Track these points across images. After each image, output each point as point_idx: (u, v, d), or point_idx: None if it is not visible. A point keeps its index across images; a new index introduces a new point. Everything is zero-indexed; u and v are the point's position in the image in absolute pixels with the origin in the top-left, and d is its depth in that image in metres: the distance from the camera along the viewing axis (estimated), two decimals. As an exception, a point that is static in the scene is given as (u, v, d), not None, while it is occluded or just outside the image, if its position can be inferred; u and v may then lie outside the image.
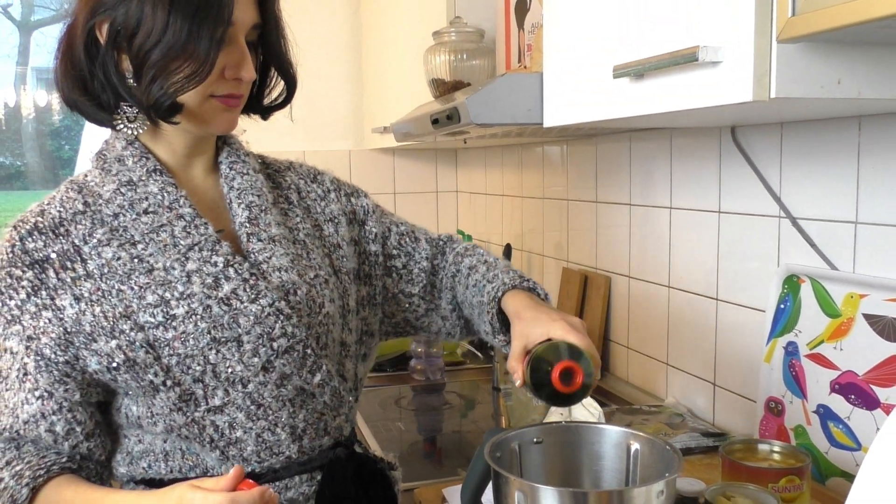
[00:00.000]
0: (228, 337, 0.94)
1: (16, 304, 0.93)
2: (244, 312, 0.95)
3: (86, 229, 0.96)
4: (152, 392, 0.94)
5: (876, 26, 0.72)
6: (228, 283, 0.96)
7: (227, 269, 0.96)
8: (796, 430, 1.29)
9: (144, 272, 0.94)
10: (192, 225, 0.97)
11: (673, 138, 1.65)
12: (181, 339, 0.92)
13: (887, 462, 0.74)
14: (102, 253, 0.95)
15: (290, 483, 1.00)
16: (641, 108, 1.03)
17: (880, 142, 1.16)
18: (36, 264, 0.93)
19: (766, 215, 1.39)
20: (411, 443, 1.71)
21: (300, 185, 1.14)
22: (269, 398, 0.96)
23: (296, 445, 0.99)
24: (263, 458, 0.97)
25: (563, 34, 1.27)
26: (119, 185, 0.97)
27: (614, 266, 1.91)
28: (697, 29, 0.91)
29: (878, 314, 1.16)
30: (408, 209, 3.02)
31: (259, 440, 0.97)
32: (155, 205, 0.97)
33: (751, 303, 1.44)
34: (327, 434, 1.02)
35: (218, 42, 0.91)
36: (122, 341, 0.92)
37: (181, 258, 0.95)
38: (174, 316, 0.93)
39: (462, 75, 1.74)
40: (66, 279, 0.93)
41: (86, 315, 0.92)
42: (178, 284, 0.94)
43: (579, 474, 1.01)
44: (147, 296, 0.93)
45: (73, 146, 3.42)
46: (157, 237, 0.96)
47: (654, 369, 1.76)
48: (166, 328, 0.92)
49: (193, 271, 0.95)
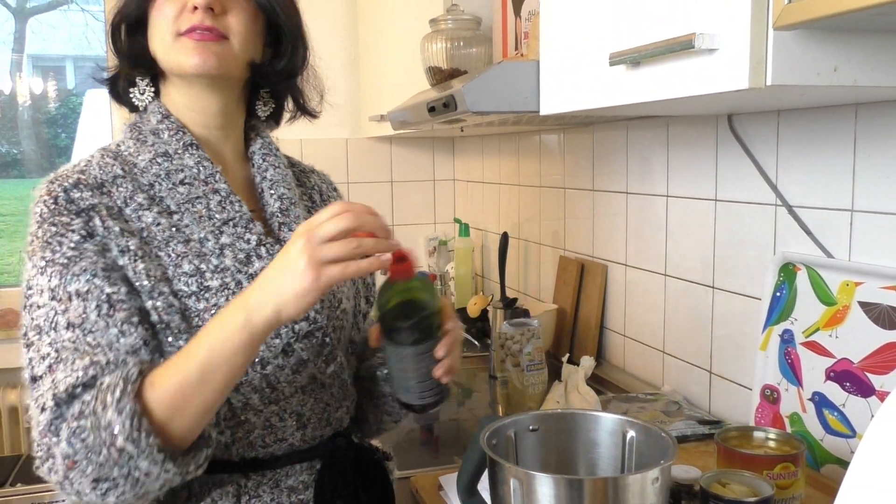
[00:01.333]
0: None
1: (69, 247, 0.88)
2: None
3: (127, 192, 0.95)
4: None
5: (873, 13, 0.71)
6: (259, 261, 0.97)
7: (259, 247, 0.98)
8: (791, 418, 1.29)
9: (182, 241, 0.95)
10: (228, 201, 0.98)
11: (669, 126, 1.65)
12: (212, 311, 0.92)
13: (881, 449, 0.75)
14: (143, 217, 0.94)
15: (291, 471, 1.00)
16: (638, 95, 1.03)
17: (876, 130, 1.16)
18: (83, 212, 0.90)
19: (763, 203, 1.39)
20: (408, 431, 1.71)
21: (322, 188, 1.18)
22: (283, 383, 0.97)
23: (299, 433, 1.00)
24: (267, 444, 0.98)
25: (559, 22, 1.26)
26: (155, 155, 0.98)
27: (611, 254, 1.91)
28: (694, 16, 0.90)
29: (873, 302, 1.16)
30: (405, 198, 3.02)
31: (267, 424, 0.97)
32: (191, 177, 0.97)
33: (747, 291, 1.44)
34: (329, 425, 1.03)
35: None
36: (161, 303, 0.90)
37: (216, 231, 0.96)
38: (208, 287, 0.93)
39: (459, 63, 1.74)
40: (113, 229, 0.91)
41: (128, 271, 0.90)
42: (212, 257, 0.95)
43: (575, 462, 1.01)
44: (183, 264, 0.93)
45: (70, 134, 3.40)
46: (192, 208, 0.96)
47: (651, 357, 1.76)
48: (198, 299, 0.93)
49: (227, 245, 0.96)
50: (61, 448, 0.80)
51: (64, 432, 0.80)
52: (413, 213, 3.04)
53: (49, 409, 0.81)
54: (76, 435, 0.79)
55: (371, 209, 0.84)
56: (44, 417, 0.81)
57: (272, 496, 0.98)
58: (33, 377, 0.84)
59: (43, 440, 0.81)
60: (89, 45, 3.40)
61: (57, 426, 0.81)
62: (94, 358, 0.84)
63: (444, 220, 3.06)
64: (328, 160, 3.01)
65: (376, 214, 0.84)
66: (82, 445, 0.79)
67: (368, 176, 2.96)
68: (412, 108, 1.73)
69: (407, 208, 3.03)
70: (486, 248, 2.78)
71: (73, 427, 0.80)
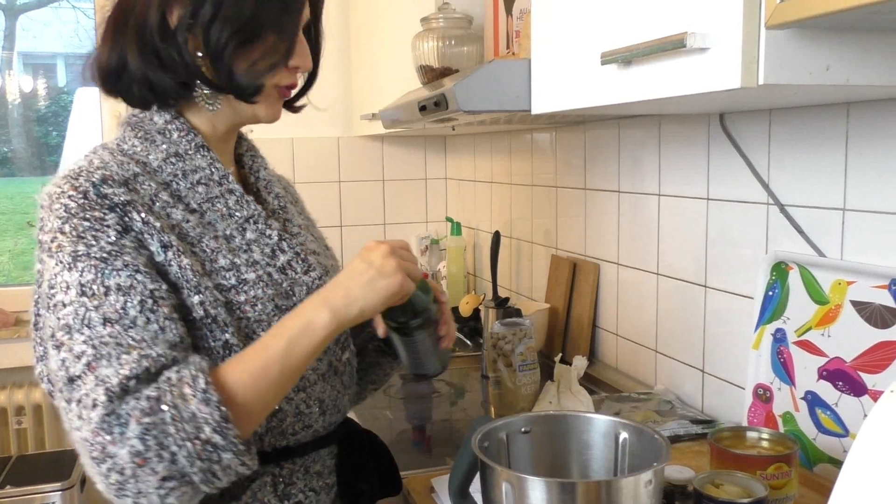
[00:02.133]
0: (287, 305, 0.97)
1: (108, 241, 0.85)
2: (298, 283, 1.00)
3: (151, 190, 0.92)
4: (224, 353, 0.90)
5: (866, 12, 0.71)
6: (283, 255, 1.00)
7: (281, 242, 1.01)
8: (784, 417, 1.29)
9: (212, 237, 0.95)
10: (243, 200, 1.00)
11: (661, 125, 1.64)
12: (251, 303, 0.94)
13: (875, 448, 0.74)
14: (172, 214, 0.93)
15: (317, 456, 1.03)
16: (629, 94, 1.03)
17: (868, 128, 1.16)
18: (117, 207, 0.87)
19: (755, 202, 1.38)
20: (400, 431, 1.71)
21: (291, 189, 1.21)
22: (309, 370, 0.99)
23: (321, 420, 1.02)
24: (297, 431, 0.99)
25: (551, 20, 1.26)
26: (168, 155, 0.96)
27: (603, 253, 1.91)
28: (685, 15, 0.90)
29: (865, 301, 1.16)
30: (397, 197, 3.01)
31: (297, 412, 0.98)
32: (206, 177, 0.97)
33: (739, 290, 1.44)
34: (339, 411, 1.06)
35: (296, 29, 0.98)
36: (207, 297, 0.89)
37: (240, 228, 0.98)
38: (245, 280, 0.94)
39: (450, 62, 1.73)
40: (152, 223, 0.88)
41: (171, 266, 0.88)
42: (242, 252, 0.97)
43: (567, 464, 1.01)
44: (219, 259, 0.94)
45: (61, 132, 3.38)
46: (213, 207, 0.97)
47: (643, 356, 1.76)
48: (238, 291, 0.93)
49: (252, 241, 0.98)
50: (130, 445, 0.75)
51: (132, 429, 0.76)
52: (405, 212, 3.03)
53: (101, 405, 0.76)
54: (150, 430, 0.76)
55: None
56: (95, 415, 0.76)
57: (305, 482, 1.01)
58: (70, 378, 0.79)
59: (97, 439, 0.76)
60: (80, 43, 3.38)
61: (111, 423, 0.76)
62: (142, 352, 0.80)
63: (435, 218, 3.05)
64: (320, 159, 3.01)
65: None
66: (156, 442, 0.76)
67: (360, 174, 2.95)
68: (404, 107, 1.72)
69: (398, 207, 3.02)
70: (478, 247, 2.78)
71: (145, 423, 0.76)
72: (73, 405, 0.79)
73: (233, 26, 0.93)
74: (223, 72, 0.95)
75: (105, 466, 0.76)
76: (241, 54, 0.95)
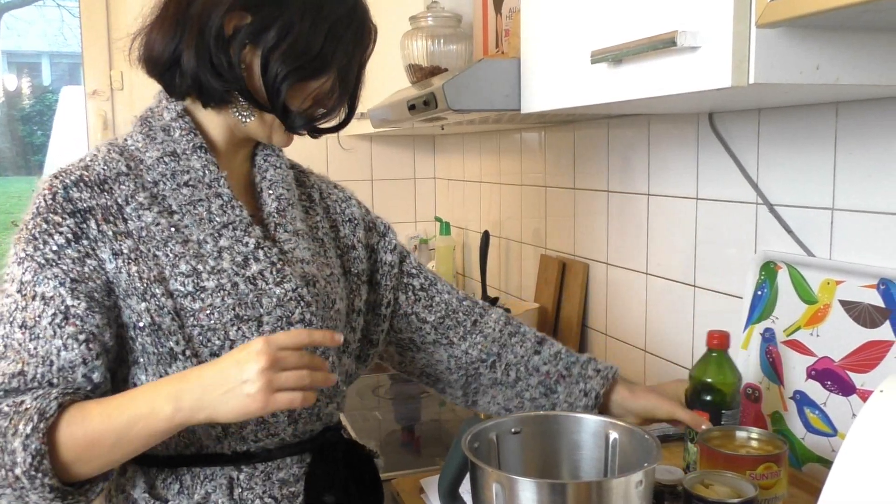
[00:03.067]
0: (251, 316, 0.96)
1: (52, 248, 0.90)
2: (268, 294, 0.98)
3: (129, 190, 0.95)
4: (169, 360, 0.93)
5: (856, 11, 0.71)
6: (257, 263, 0.98)
7: (258, 251, 0.99)
8: (773, 417, 1.29)
9: (180, 242, 0.95)
10: (229, 205, 0.99)
11: (651, 125, 1.64)
12: (207, 311, 0.94)
13: (864, 448, 0.74)
14: (142, 216, 0.94)
15: (282, 464, 1.01)
16: (620, 93, 1.02)
17: (857, 128, 1.16)
18: (78, 213, 0.91)
19: (744, 202, 1.39)
20: (389, 432, 1.70)
21: (322, 186, 1.21)
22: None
23: (291, 428, 1.01)
24: (260, 438, 0.98)
25: (540, 19, 1.25)
26: (163, 153, 0.97)
27: (592, 253, 1.91)
28: (676, 13, 0.89)
29: (854, 300, 1.16)
30: (385, 196, 3.00)
31: (259, 420, 0.97)
32: (195, 179, 0.98)
33: (728, 289, 1.44)
34: (319, 420, 1.05)
35: (358, 75, 1.04)
36: (152, 305, 0.92)
37: (215, 234, 0.97)
38: (204, 288, 0.94)
39: (439, 61, 1.72)
40: (107, 233, 0.92)
41: (121, 273, 0.92)
42: (210, 259, 0.96)
43: (558, 464, 1.01)
44: (180, 265, 0.94)
45: (45, 131, 3.35)
46: (193, 210, 0.97)
47: (632, 356, 1.76)
48: (194, 299, 0.93)
49: (225, 248, 0.97)
50: None
51: None
52: (394, 212, 3.02)
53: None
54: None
55: (329, 335, 0.91)
56: None
57: (264, 488, 0.99)
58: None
59: None
60: (66, 42, 3.36)
61: None
62: (24, 367, 0.87)
63: (424, 218, 3.04)
64: (308, 158, 2.97)
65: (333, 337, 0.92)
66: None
67: (348, 174, 2.94)
68: (392, 106, 1.71)
69: (387, 206, 3.01)
70: (468, 247, 2.77)
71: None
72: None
73: (297, 61, 0.95)
74: (277, 102, 0.97)
75: None
76: (298, 88, 0.97)
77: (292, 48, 0.95)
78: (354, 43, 1.01)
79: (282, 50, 0.94)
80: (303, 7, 0.95)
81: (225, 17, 0.94)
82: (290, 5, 0.95)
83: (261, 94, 0.97)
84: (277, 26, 0.94)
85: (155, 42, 0.98)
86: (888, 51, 0.85)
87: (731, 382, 1.15)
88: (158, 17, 0.98)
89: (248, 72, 0.96)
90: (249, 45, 0.95)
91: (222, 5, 0.94)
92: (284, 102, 0.97)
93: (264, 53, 0.95)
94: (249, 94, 0.97)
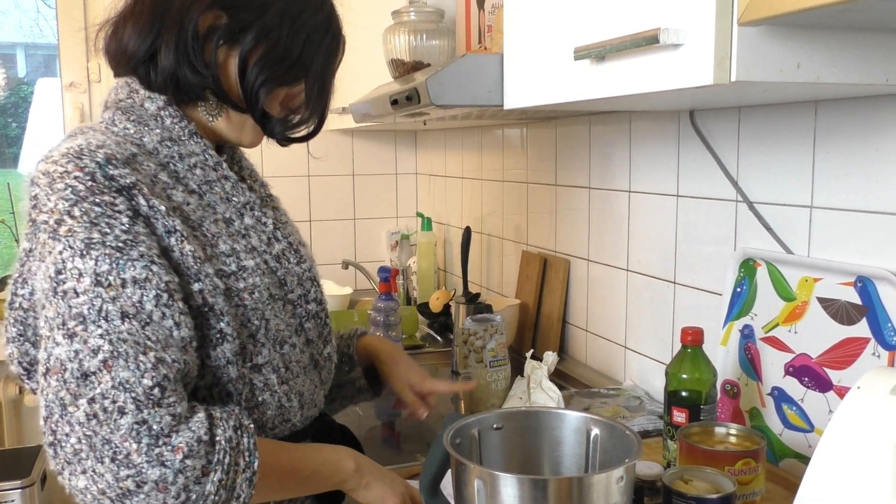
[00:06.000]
0: (280, 295, 0.97)
1: (122, 229, 0.81)
2: (291, 273, 1.00)
3: (151, 170, 0.89)
4: (217, 342, 0.89)
5: (836, 10, 0.72)
6: (278, 243, 1.00)
7: (276, 231, 1.00)
8: (751, 413, 1.31)
9: (213, 220, 0.93)
10: (239, 186, 0.98)
11: (632, 122, 1.65)
12: (249, 290, 0.92)
13: (841, 444, 0.75)
14: (172, 196, 0.90)
15: None
16: (603, 90, 1.02)
17: (836, 127, 1.17)
18: (124, 190, 0.83)
19: (724, 199, 1.39)
20: (369, 427, 1.69)
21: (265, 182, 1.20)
22: (293, 362, 0.99)
23: (300, 413, 1.01)
24: (276, 425, 0.98)
25: (523, 15, 1.25)
26: (162, 138, 0.93)
27: (573, 249, 1.92)
28: (659, 11, 0.90)
29: (831, 297, 1.17)
30: (367, 191, 2.99)
31: (279, 405, 0.97)
32: (201, 163, 0.95)
33: (708, 286, 1.45)
34: (315, 406, 1.06)
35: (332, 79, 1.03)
36: (206, 285, 0.87)
37: (238, 213, 0.97)
38: (245, 267, 0.93)
39: (422, 56, 1.72)
40: (158, 207, 0.85)
41: (174, 252, 0.85)
42: (240, 237, 0.95)
43: (539, 460, 1.01)
44: (219, 244, 0.91)
45: (21, 123, 3.31)
46: (212, 189, 0.95)
47: (613, 352, 1.77)
48: (238, 278, 0.91)
49: (251, 227, 0.97)
50: (158, 472, 0.77)
51: (171, 459, 0.77)
52: (375, 207, 3.01)
53: (131, 413, 0.77)
54: (188, 474, 0.78)
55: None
56: (125, 421, 0.76)
57: None
58: (84, 373, 0.78)
59: (123, 444, 0.76)
60: (41, 33, 3.31)
61: (140, 432, 0.77)
62: (158, 354, 0.79)
63: (406, 213, 3.04)
64: (288, 153, 2.97)
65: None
66: (187, 481, 0.78)
67: (330, 169, 2.93)
68: (374, 101, 1.70)
69: (369, 202, 3.00)
70: (449, 243, 2.77)
71: (188, 465, 0.78)
72: (83, 402, 0.77)
73: (275, 66, 0.95)
74: (255, 107, 0.96)
75: (124, 473, 0.76)
76: (275, 94, 0.97)
77: (271, 53, 0.94)
78: (331, 50, 1.01)
79: (260, 54, 0.94)
80: (281, 12, 0.95)
81: (202, 15, 0.92)
82: (268, 9, 0.94)
83: (235, 94, 0.96)
84: (255, 29, 0.93)
85: (128, 36, 0.94)
86: (867, 50, 0.86)
87: (707, 378, 1.16)
88: (132, 12, 0.95)
89: (222, 71, 0.95)
90: (225, 45, 0.94)
91: (201, 2, 0.92)
92: (263, 108, 0.96)
93: (242, 56, 0.94)
94: (224, 93, 0.95)
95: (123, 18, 0.96)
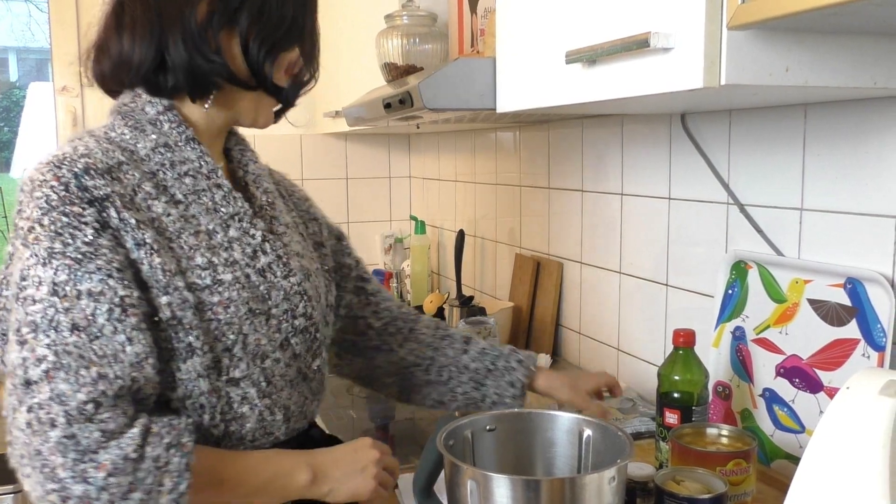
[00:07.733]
0: (261, 309, 0.95)
1: (84, 241, 0.82)
2: (276, 287, 0.97)
3: (135, 180, 0.90)
4: (186, 355, 0.89)
5: (825, 14, 0.72)
6: (265, 256, 0.97)
7: (264, 243, 0.98)
8: (743, 414, 1.31)
9: (192, 233, 0.92)
10: (230, 196, 0.97)
11: (624, 125, 1.66)
12: (224, 304, 0.91)
13: (831, 445, 0.76)
14: (153, 206, 0.90)
15: None
16: (594, 94, 1.03)
17: (825, 130, 1.18)
18: (96, 202, 0.84)
19: (715, 202, 1.40)
20: (363, 430, 1.70)
21: (285, 183, 1.20)
22: (277, 376, 0.98)
23: (284, 427, 1.01)
24: (257, 438, 0.98)
25: (516, 19, 1.26)
26: (156, 144, 0.93)
27: (566, 252, 1.92)
28: (649, 15, 0.90)
29: (821, 299, 1.18)
30: (360, 195, 3.00)
31: (259, 418, 0.97)
32: (194, 170, 0.95)
33: (700, 288, 1.46)
34: (305, 418, 1.05)
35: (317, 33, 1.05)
36: (175, 299, 0.87)
37: (223, 224, 0.95)
38: (221, 281, 0.92)
39: (415, 59, 1.72)
40: (129, 220, 0.86)
41: (144, 264, 0.86)
42: (222, 251, 0.94)
43: (532, 461, 1.01)
44: (196, 257, 0.91)
45: (13, 128, 3.30)
46: (198, 200, 0.94)
47: (606, 354, 1.78)
48: (212, 292, 0.91)
49: (234, 239, 0.95)
50: (82, 489, 0.76)
51: (94, 476, 0.77)
52: (368, 211, 3.01)
53: (60, 427, 0.77)
54: (111, 491, 0.77)
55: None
56: (54, 435, 0.77)
57: None
58: (27, 381, 0.78)
59: (51, 458, 0.77)
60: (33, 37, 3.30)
61: (66, 446, 0.77)
62: (101, 370, 0.80)
63: (399, 217, 3.04)
64: (282, 156, 2.97)
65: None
66: (112, 497, 0.77)
67: (323, 173, 2.93)
68: (368, 105, 1.71)
69: (362, 205, 3.00)
70: (443, 246, 2.78)
71: (111, 483, 0.77)
72: (24, 409, 0.78)
73: (273, 34, 0.96)
74: (265, 80, 0.97)
75: (50, 486, 0.77)
76: (279, 61, 0.98)
77: (267, 24, 0.95)
78: (314, 5, 1.03)
79: (257, 29, 0.95)
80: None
81: (196, 7, 0.93)
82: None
83: (244, 74, 0.96)
84: (248, 7, 0.94)
85: (129, 49, 0.94)
86: (856, 54, 0.87)
87: (699, 380, 1.16)
88: (122, 26, 0.95)
89: (227, 54, 0.95)
90: (224, 29, 0.94)
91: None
92: (271, 79, 0.97)
93: (242, 35, 0.95)
94: (234, 76, 0.96)
95: (106, 39, 0.96)
